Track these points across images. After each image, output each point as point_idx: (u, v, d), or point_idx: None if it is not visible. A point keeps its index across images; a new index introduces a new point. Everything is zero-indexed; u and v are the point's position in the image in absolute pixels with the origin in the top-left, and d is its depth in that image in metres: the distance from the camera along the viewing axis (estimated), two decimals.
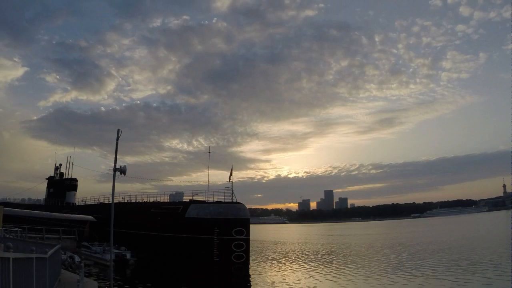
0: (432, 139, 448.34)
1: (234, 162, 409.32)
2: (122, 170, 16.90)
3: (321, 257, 41.06)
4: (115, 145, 16.67)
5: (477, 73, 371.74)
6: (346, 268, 30.98)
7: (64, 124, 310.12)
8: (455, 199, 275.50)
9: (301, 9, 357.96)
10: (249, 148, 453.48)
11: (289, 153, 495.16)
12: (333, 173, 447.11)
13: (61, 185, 64.28)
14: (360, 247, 52.34)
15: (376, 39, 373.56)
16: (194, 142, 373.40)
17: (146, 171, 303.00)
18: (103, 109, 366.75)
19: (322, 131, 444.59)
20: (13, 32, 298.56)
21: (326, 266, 33.21)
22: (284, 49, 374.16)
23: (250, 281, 28.02)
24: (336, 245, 57.85)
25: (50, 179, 66.80)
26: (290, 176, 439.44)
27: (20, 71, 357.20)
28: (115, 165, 16.72)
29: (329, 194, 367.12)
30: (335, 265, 33.50)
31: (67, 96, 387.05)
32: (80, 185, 66.92)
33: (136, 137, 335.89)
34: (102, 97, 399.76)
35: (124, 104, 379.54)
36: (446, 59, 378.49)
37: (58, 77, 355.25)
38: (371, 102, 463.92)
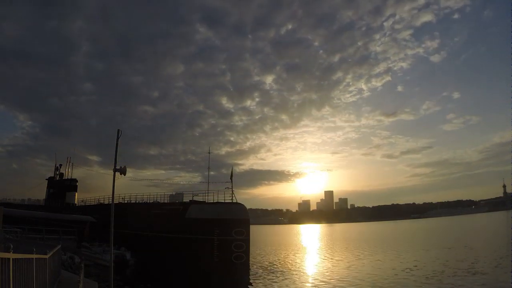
0: None
1: None
2: (122, 171, 16.96)
3: None
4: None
5: None
6: None
7: None
8: (455, 200, 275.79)
9: None
10: None
11: None
12: None
13: (61, 186, 64.24)
14: None
15: None
16: None
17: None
18: None
19: None
20: None
21: None
22: None
23: (250, 281, 28.02)
24: None
25: (50, 180, 66.79)
26: None
27: None
28: (115, 166, 16.76)
29: (329, 194, 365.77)
30: None
31: None
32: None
33: None
34: None
35: None
36: None
37: None
38: None
